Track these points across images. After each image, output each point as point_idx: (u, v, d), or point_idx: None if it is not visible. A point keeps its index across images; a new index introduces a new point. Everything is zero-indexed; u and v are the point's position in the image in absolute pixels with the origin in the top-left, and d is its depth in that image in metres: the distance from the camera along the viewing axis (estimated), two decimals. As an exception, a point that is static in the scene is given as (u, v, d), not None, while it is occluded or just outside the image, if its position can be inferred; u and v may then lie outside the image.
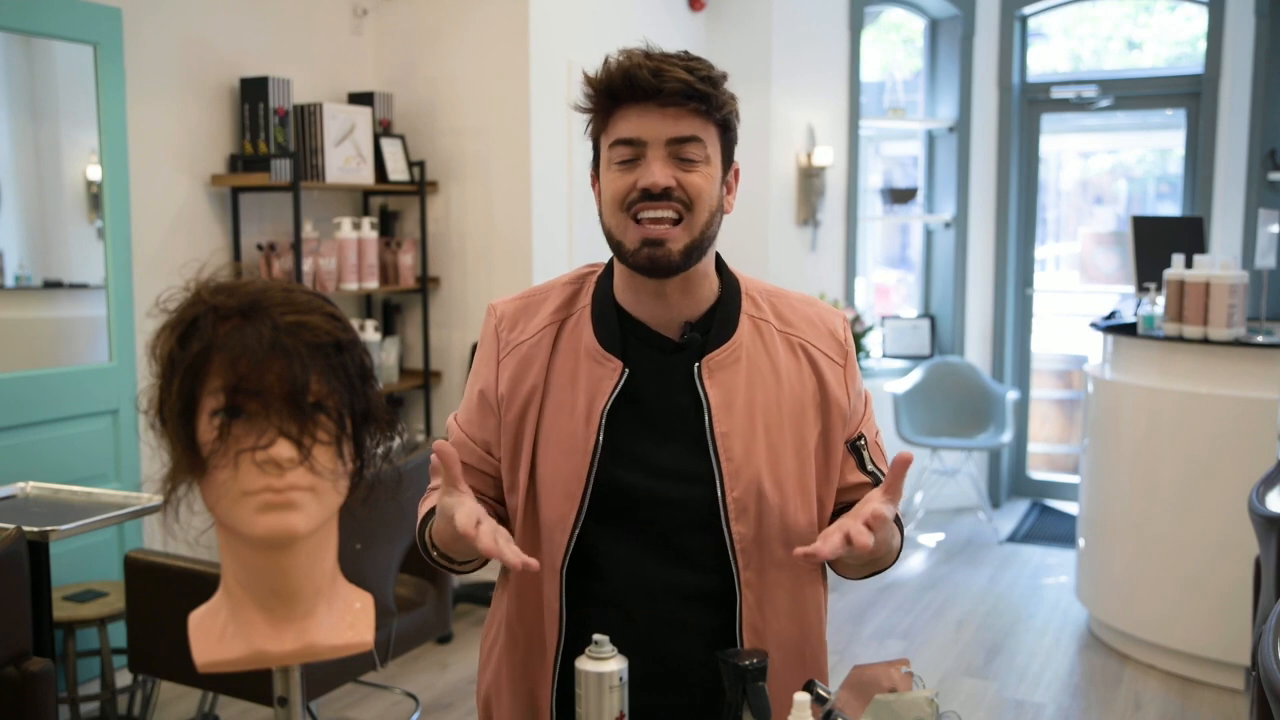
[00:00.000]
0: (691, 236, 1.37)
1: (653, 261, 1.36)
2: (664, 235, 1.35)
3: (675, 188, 1.35)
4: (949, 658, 4.09)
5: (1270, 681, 1.56)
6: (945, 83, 6.17)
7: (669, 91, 1.33)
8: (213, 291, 0.93)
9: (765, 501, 1.41)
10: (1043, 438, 6.70)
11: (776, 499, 1.42)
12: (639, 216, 1.36)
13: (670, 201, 1.35)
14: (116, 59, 3.64)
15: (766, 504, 1.41)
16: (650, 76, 1.33)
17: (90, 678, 3.54)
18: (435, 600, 3.30)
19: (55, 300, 3.76)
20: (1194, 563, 3.83)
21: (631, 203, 1.36)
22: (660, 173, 1.34)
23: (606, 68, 1.37)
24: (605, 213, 1.40)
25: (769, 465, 1.42)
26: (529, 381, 1.45)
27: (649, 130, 1.35)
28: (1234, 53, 5.52)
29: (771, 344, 1.46)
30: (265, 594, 0.96)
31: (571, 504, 1.41)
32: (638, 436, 1.42)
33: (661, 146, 1.35)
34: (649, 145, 1.35)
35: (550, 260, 4.48)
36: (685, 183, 1.36)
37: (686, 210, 1.36)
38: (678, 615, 1.44)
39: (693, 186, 1.36)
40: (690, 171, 1.36)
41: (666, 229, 1.35)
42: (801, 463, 1.45)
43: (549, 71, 4.46)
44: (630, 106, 1.36)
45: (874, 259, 6.83)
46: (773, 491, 1.42)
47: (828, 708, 1.32)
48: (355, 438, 0.97)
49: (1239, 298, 3.79)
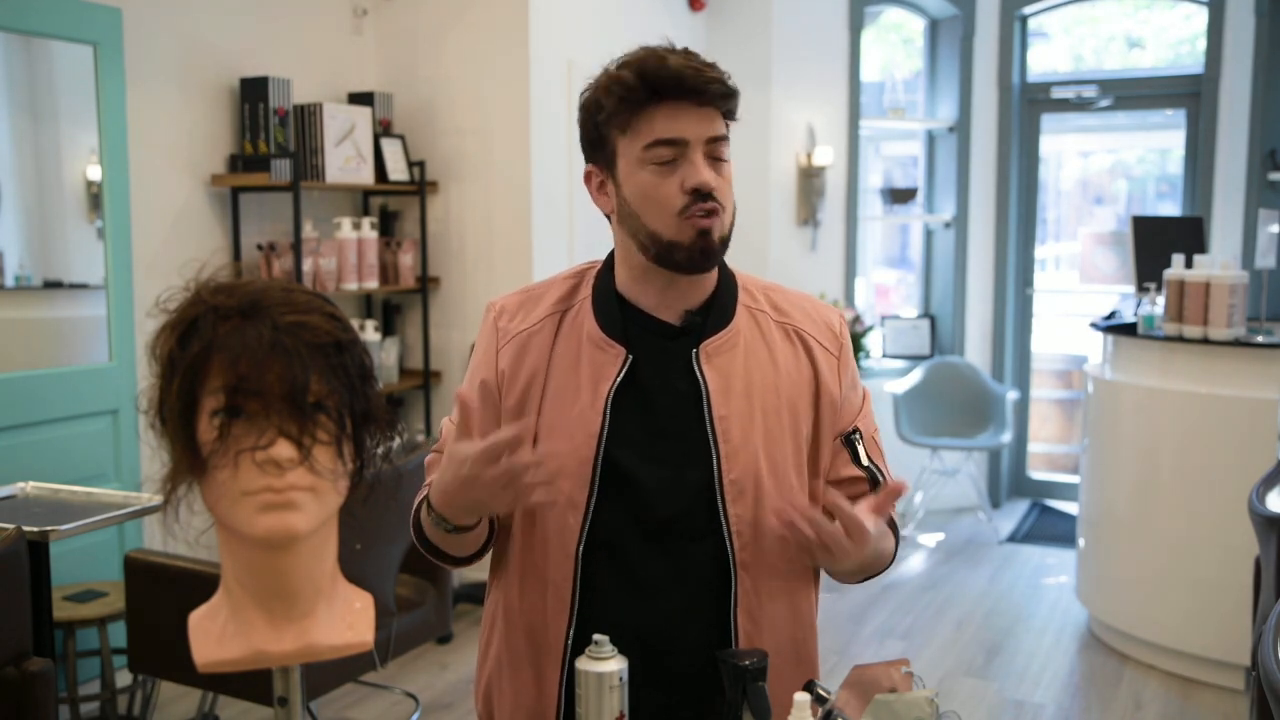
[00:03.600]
0: (723, 229, 1.42)
1: (705, 253, 1.41)
2: (711, 225, 1.40)
3: (716, 189, 1.40)
4: (949, 658, 4.09)
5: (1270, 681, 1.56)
6: (945, 83, 6.17)
7: (712, 93, 1.38)
8: (213, 291, 0.93)
9: (762, 484, 1.43)
10: (1043, 438, 6.70)
11: (773, 481, 1.44)
12: (695, 214, 1.39)
13: (714, 201, 1.40)
14: (116, 59, 3.64)
15: (763, 486, 1.44)
16: (695, 75, 1.37)
17: (90, 678, 3.53)
18: (435, 600, 3.30)
19: (55, 300, 3.76)
20: (1194, 562, 3.83)
21: (685, 207, 1.39)
22: (708, 173, 1.39)
23: (645, 63, 1.38)
24: (648, 215, 1.40)
25: (766, 448, 1.44)
26: (530, 367, 1.47)
27: (691, 130, 1.38)
28: (1234, 52, 5.51)
29: (769, 332, 1.50)
30: (265, 594, 0.96)
31: (582, 487, 1.42)
32: (639, 421, 1.44)
33: (702, 145, 1.39)
34: (691, 145, 1.38)
35: (550, 260, 4.48)
36: (718, 185, 1.40)
37: (721, 209, 1.41)
38: (677, 601, 1.45)
39: (722, 189, 1.41)
40: (719, 171, 1.41)
41: (712, 220, 1.40)
42: (798, 448, 1.47)
43: (549, 71, 4.46)
44: (667, 104, 1.38)
45: (874, 259, 6.83)
46: (769, 474, 1.44)
47: (828, 708, 1.32)
48: (355, 438, 0.97)
49: (1239, 298, 3.79)
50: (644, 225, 1.41)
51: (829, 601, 4.37)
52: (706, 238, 1.39)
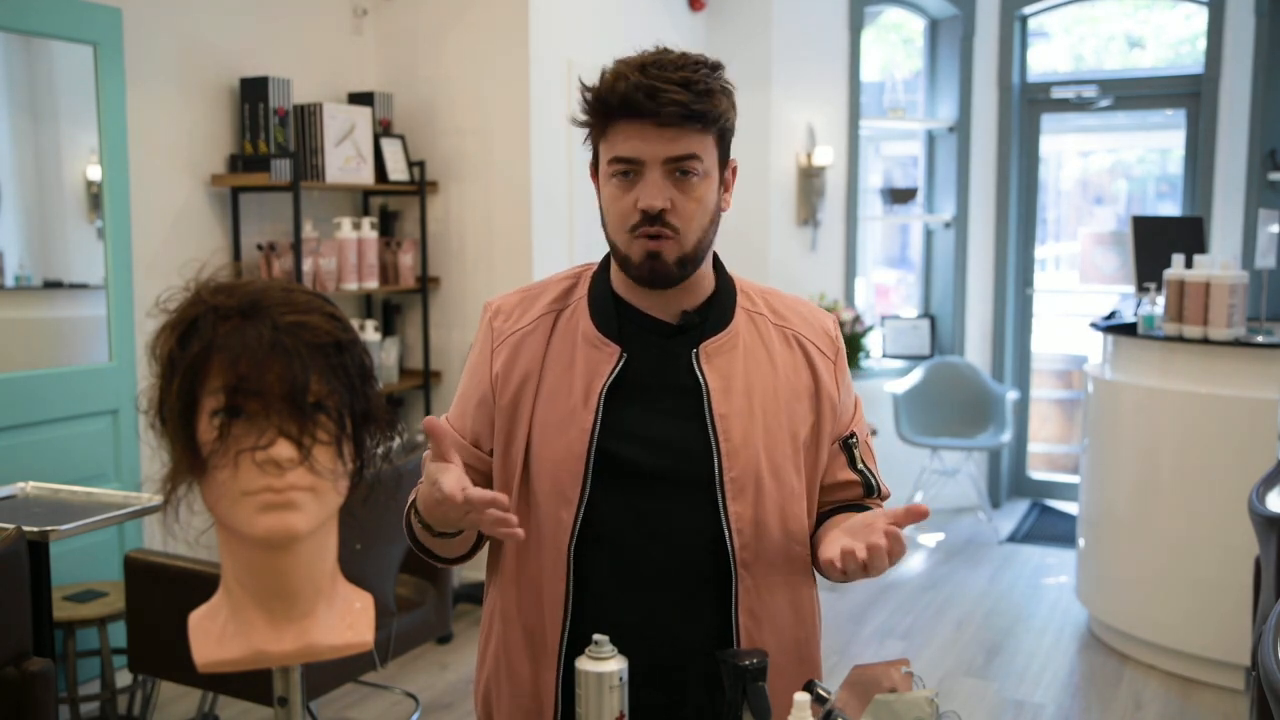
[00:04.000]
0: (683, 250, 1.40)
1: (653, 273, 1.40)
2: (660, 248, 1.38)
3: (670, 210, 1.37)
4: (949, 658, 4.09)
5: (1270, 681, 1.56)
6: (945, 83, 6.17)
7: (666, 115, 1.34)
8: (213, 291, 0.93)
9: (762, 482, 1.44)
10: (1043, 438, 6.70)
11: (773, 480, 1.45)
12: (640, 235, 1.39)
13: (662, 225, 1.38)
14: (116, 59, 3.64)
15: (763, 485, 1.44)
16: (646, 99, 1.34)
17: (90, 678, 3.53)
18: (435, 600, 3.30)
19: (55, 300, 3.76)
20: (1194, 562, 3.83)
21: (635, 225, 1.39)
22: (657, 195, 1.37)
23: (603, 82, 1.38)
24: (609, 226, 1.43)
25: (766, 448, 1.45)
26: (525, 366, 1.48)
27: (646, 150, 1.36)
28: (1234, 52, 5.51)
29: (767, 335, 1.51)
30: (265, 594, 0.96)
31: (575, 483, 1.42)
32: (636, 417, 1.44)
33: (659, 165, 1.37)
34: (647, 165, 1.37)
35: (550, 260, 4.48)
36: (676, 204, 1.38)
37: (675, 232, 1.38)
38: (676, 599, 1.45)
39: (684, 209, 1.38)
40: (685, 189, 1.38)
41: (662, 243, 1.39)
42: (796, 450, 1.48)
43: (549, 71, 4.46)
44: (625, 122, 1.37)
45: (874, 259, 6.83)
46: (769, 473, 1.45)
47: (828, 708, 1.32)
48: (355, 438, 0.97)
49: (1239, 298, 3.79)
50: (608, 236, 1.44)
51: (829, 601, 4.37)
52: (656, 260, 1.38)
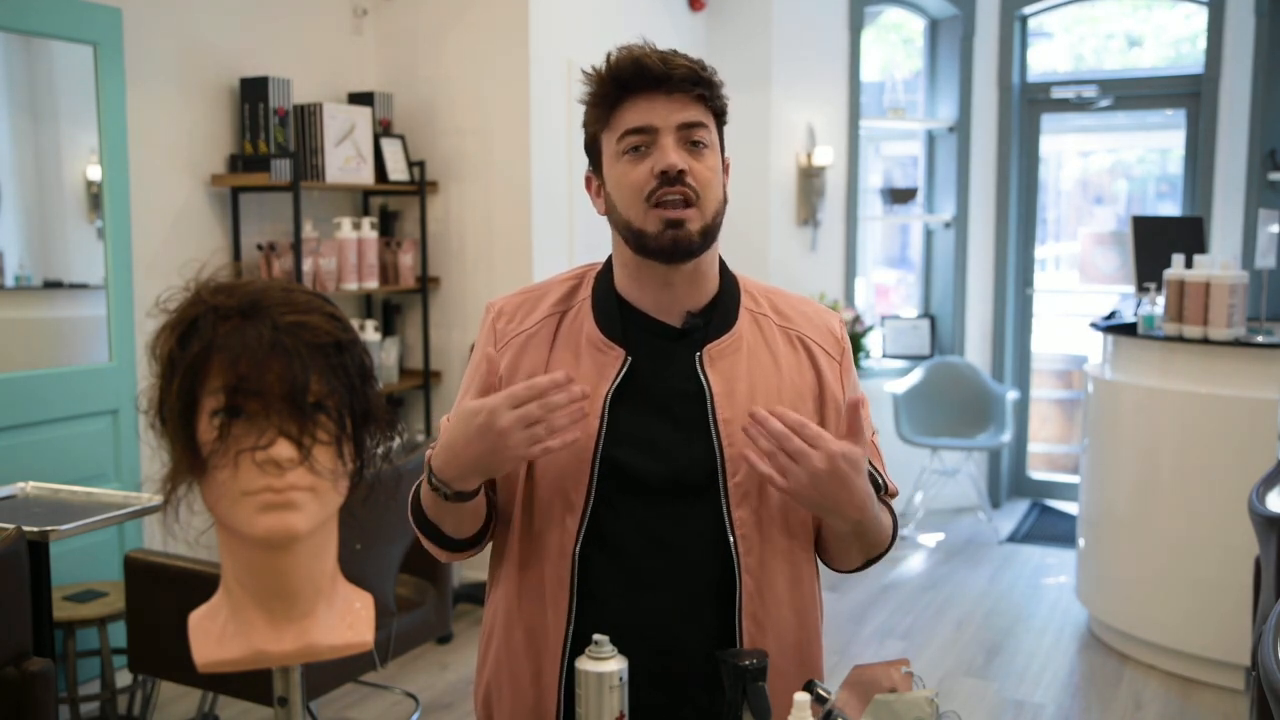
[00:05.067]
0: (705, 220, 1.41)
1: (675, 243, 1.39)
2: (683, 215, 1.39)
3: (689, 173, 1.39)
4: (949, 658, 4.09)
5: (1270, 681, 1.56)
6: (945, 83, 6.17)
7: (677, 79, 1.38)
8: (213, 291, 0.93)
9: (765, 488, 1.43)
10: (1043, 438, 6.70)
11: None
12: (661, 201, 1.38)
13: (684, 186, 1.39)
14: (116, 59, 3.64)
15: (766, 490, 1.43)
16: (659, 64, 1.38)
17: (90, 678, 3.53)
18: (435, 600, 3.30)
19: (55, 300, 3.76)
20: (1194, 563, 3.83)
21: (651, 191, 1.39)
22: (676, 155, 1.38)
23: (613, 59, 1.41)
24: (621, 204, 1.42)
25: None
26: (528, 369, 1.47)
27: (659, 116, 1.39)
28: (1234, 52, 5.51)
29: (771, 336, 1.50)
30: (265, 594, 0.96)
31: (580, 489, 1.42)
32: (640, 422, 1.44)
33: (672, 131, 1.39)
34: (660, 131, 1.39)
35: (550, 260, 4.48)
36: (694, 170, 1.40)
37: (697, 196, 1.40)
38: (679, 604, 1.44)
39: (701, 174, 1.40)
40: (698, 158, 1.40)
41: (683, 210, 1.39)
42: None
43: (549, 71, 4.46)
44: (638, 96, 1.40)
45: (874, 259, 6.83)
46: None
47: (828, 708, 1.32)
48: (355, 438, 0.97)
49: (1239, 298, 3.79)
50: (621, 216, 1.43)
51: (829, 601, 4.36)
52: (679, 229, 1.38)
